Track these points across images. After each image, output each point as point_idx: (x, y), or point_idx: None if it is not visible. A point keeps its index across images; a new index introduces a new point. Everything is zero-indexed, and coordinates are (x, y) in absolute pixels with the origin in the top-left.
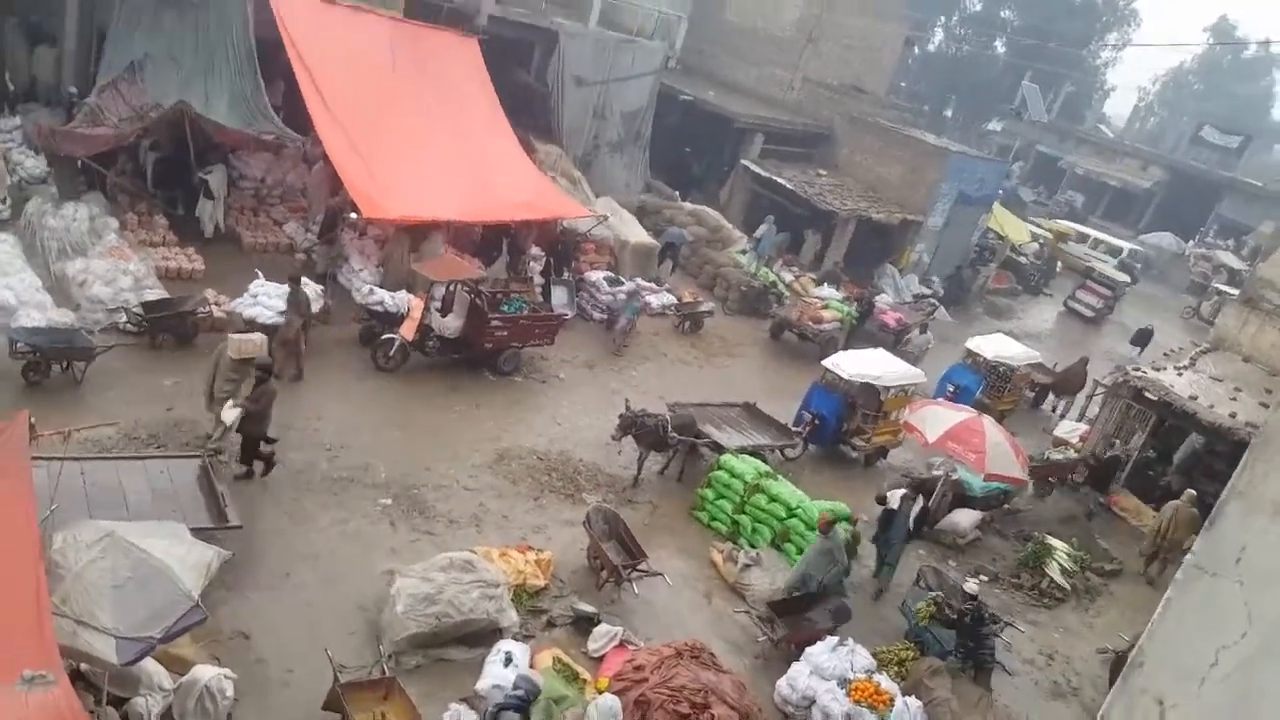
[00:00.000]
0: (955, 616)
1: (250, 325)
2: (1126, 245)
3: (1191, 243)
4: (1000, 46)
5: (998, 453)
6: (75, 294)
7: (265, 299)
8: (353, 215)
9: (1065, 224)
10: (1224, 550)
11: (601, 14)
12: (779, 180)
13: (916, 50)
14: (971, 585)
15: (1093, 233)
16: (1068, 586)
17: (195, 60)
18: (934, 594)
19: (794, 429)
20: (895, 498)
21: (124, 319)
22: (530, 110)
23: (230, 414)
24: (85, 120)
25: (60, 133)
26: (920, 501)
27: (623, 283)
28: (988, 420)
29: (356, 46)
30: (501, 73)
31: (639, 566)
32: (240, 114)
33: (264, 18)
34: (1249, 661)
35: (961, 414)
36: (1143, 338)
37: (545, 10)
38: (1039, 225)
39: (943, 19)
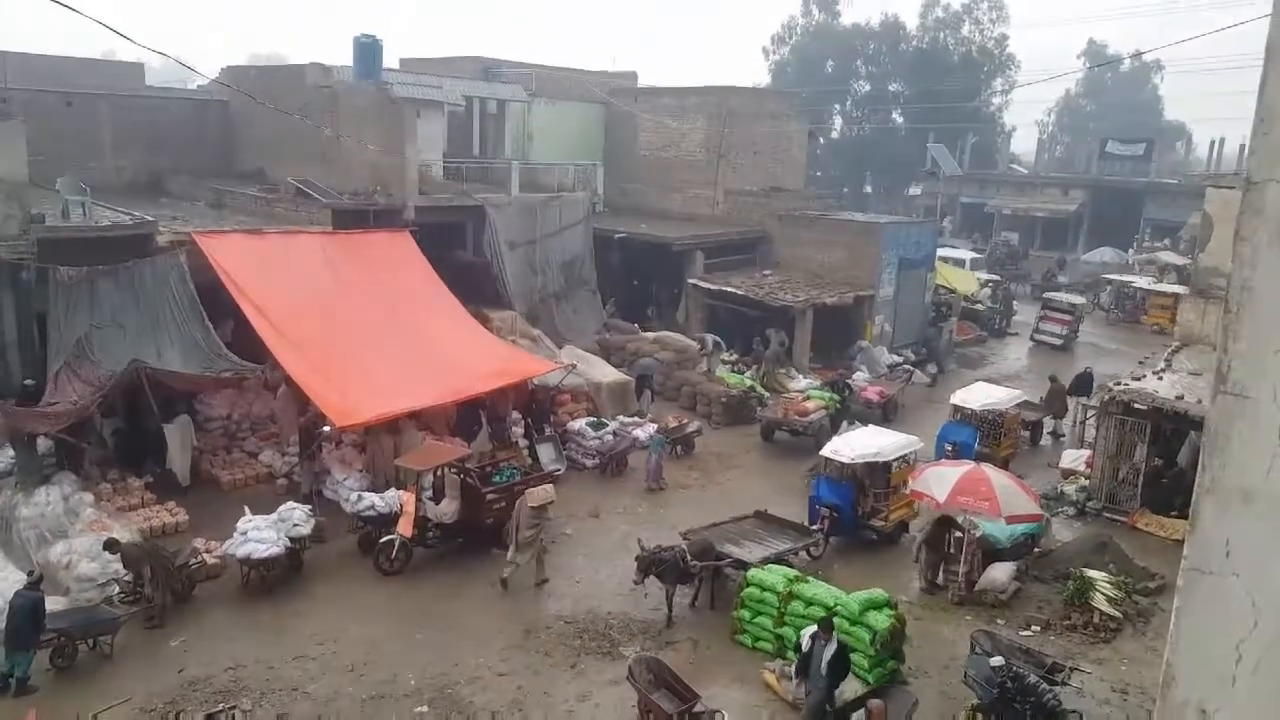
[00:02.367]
0: (996, 694)
1: (244, 563)
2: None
3: (1131, 251)
4: (898, 117)
5: (1008, 495)
6: (62, 578)
7: (256, 534)
8: (326, 429)
9: None
10: (1211, 548)
11: (521, 180)
12: (729, 289)
13: (822, 140)
14: (995, 661)
15: None
16: (1119, 615)
17: (140, 320)
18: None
19: (812, 527)
20: (805, 637)
21: (117, 590)
22: (475, 283)
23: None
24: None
25: (20, 412)
26: (834, 644)
27: (606, 425)
28: (989, 467)
29: (295, 268)
30: (440, 255)
31: (694, 710)
32: (196, 360)
33: (198, 263)
34: (1270, 648)
35: (962, 468)
36: (1083, 384)
37: (468, 189)
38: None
39: (837, 106)
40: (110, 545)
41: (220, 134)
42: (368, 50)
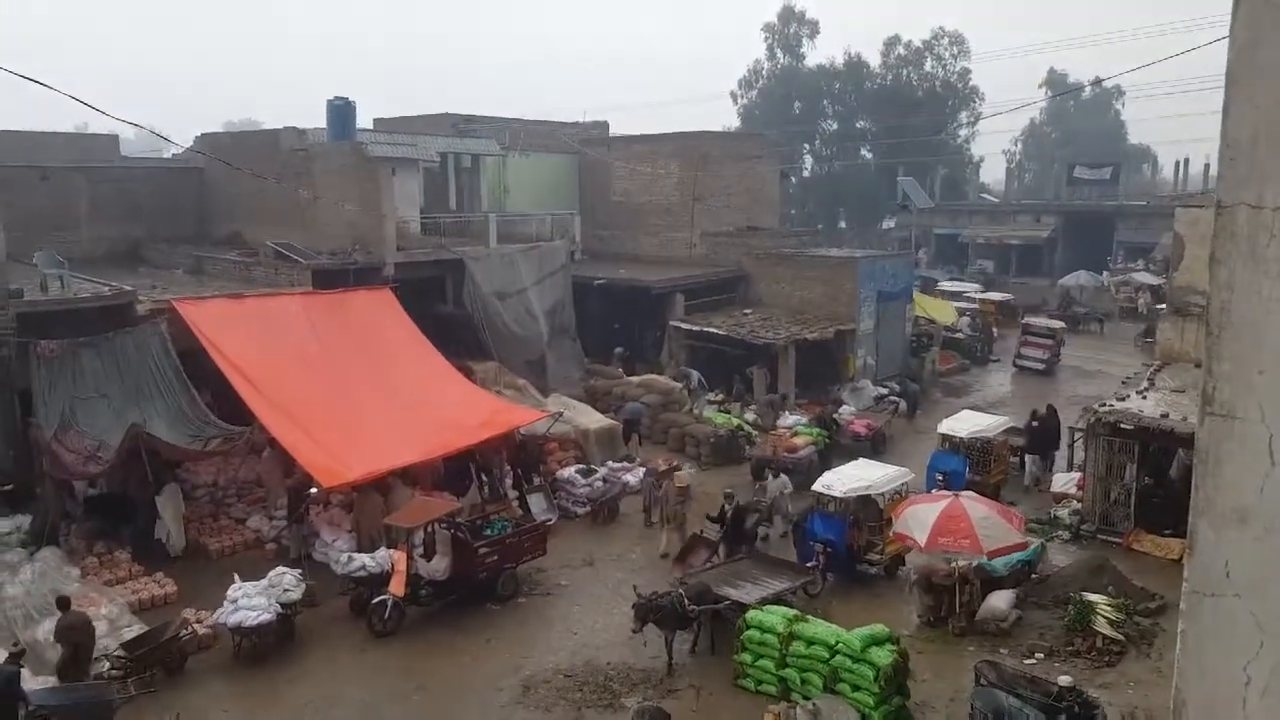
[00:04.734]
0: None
1: (236, 632)
2: None
3: (1106, 273)
4: (867, 153)
5: (987, 527)
6: (51, 656)
7: (247, 601)
8: (313, 490)
9: None
10: (1211, 570)
11: (499, 231)
12: (710, 330)
13: (794, 179)
14: (1065, 679)
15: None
16: (1121, 637)
17: (123, 390)
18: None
19: (808, 565)
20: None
21: (107, 666)
22: (457, 335)
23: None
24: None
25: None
26: None
27: (595, 471)
28: (966, 499)
29: (276, 330)
30: (422, 310)
31: None
32: (183, 428)
33: (178, 330)
34: (1278, 669)
35: (939, 503)
36: (1044, 438)
37: (446, 244)
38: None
39: (807, 146)
40: (62, 603)
41: (196, 201)
42: (341, 112)
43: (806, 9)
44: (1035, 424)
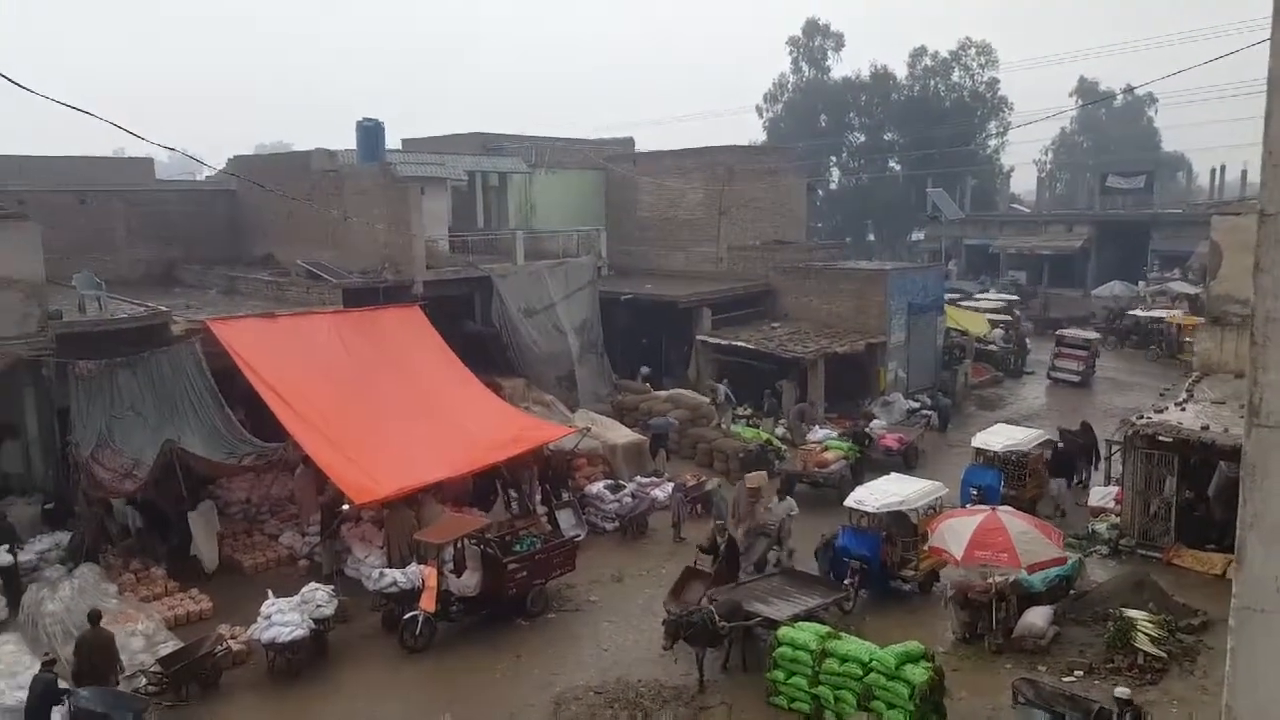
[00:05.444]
0: None
1: (269, 648)
2: None
3: (1142, 283)
4: (895, 165)
5: (1026, 542)
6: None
7: (280, 617)
8: (345, 507)
9: None
10: (1261, 585)
11: (526, 248)
12: (739, 344)
13: (820, 192)
14: (1122, 691)
15: None
16: (1164, 654)
17: (159, 408)
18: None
19: (845, 583)
20: None
21: (144, 682)
22: (486, 352)
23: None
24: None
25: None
26: None
27: (624, 486)
28: (1004, 513)
29: (308, 348)
30: (451, 327)
31: None
32: (219, 446)
33: (212, 349)
34: None
35: (977, 517)
36: (1066, 461)
37: (474, 261)
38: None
39: (833, 158)
40: (92, 617)
41: (229, 222)
42: (371, 133)
43: (831, 22)
44: (1060, 445)
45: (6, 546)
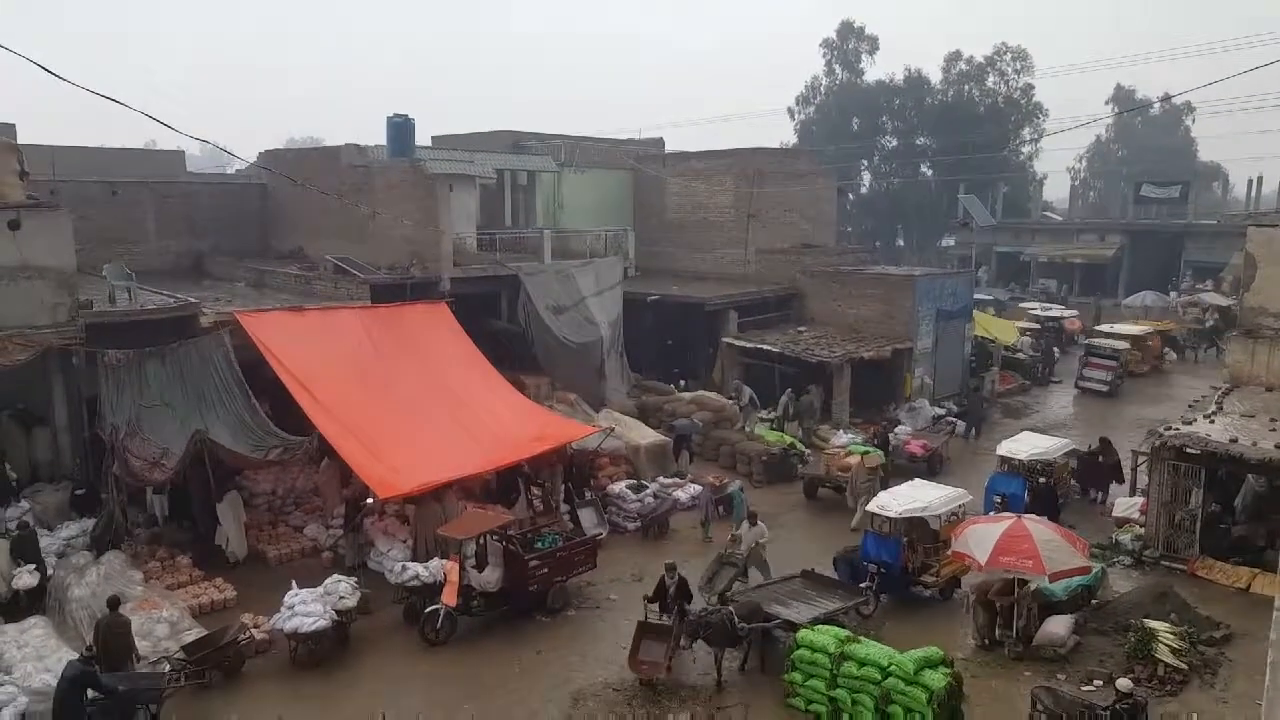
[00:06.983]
0: None
1: (292, 637)
2: None
3: (1174, 294)
4: (927, 170)
5: (1051, 549)
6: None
7: (303, 607)
8: (369, 500)
9: None
10: None
11: (553, 247)
12: (764, 347)
13: (851, 196)
14: (1124, 683)
15: None
16: (1185, 666)
17: (187, 399)
18: None
19: (862, 585)
20: None
21: (168, 669)
22: (511, 350)
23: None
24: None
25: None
26: None
27: (646, 487)
28: (1030, 520)
29: (335, 342)
30: (476, 325)
31: None
32: (245, 438)
33: (240, 341)
34: None
35: (1003, 523)
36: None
37: (501, 259)
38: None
39: (865, 162)
40: (111, 602)
41: (259, 215)
42: (401, 129)
43: (866, 25)
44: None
45: (33, 566)
